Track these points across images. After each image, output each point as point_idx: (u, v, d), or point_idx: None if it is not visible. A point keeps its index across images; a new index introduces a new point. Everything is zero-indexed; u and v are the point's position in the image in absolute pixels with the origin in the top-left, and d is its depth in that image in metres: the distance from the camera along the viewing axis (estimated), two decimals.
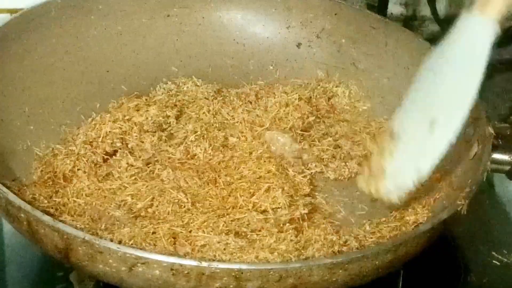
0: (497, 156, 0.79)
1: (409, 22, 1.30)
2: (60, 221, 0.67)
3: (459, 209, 0.71)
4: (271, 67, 1.02)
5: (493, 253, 0.88)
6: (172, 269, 0.62)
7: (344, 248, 0.73)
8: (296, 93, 0.95)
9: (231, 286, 0.63)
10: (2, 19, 0.90)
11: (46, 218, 0.65)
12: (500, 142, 0.79)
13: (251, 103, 0.94)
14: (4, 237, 0.85)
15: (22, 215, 0.67)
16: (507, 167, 0.80)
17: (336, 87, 0.99)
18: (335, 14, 1.01)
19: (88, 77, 0.95)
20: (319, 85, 0.99)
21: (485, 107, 0.84)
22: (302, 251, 0.73)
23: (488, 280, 0.85)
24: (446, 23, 1.24)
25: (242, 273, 0.62)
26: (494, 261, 0.87)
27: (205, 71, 1.00)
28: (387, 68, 0.96)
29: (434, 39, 1.21)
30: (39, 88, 0.90)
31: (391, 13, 1.26)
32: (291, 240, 0.73)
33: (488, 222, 0.94)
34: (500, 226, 0.94)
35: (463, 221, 0.74)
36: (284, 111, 0.92)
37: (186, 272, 0.62)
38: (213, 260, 0.62)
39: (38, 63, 0.91)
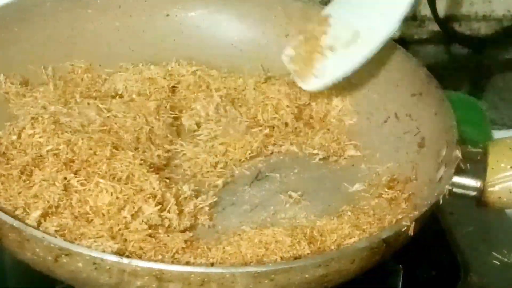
0: (463, 180, 0.76)
1: (409, 22, 1.29)
2: None
3: (403, 229, 0.69)
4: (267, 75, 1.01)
5: (493, 253, 0.87)
6: (94, 263, 0.62)
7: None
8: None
9: (153, 285, 0.62)
10: None
11: None
12: (469, 167, 0.77)
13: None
14: None
15: None
16: (474, 193, 0.77)
17: None
18: None
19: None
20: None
21: (485, 107, 0.82)
22: None
23: (488, 280, 0.84)
24: (446, 23, 1.24)
25: (163, 273, 0.62)
26: (494, 261, 0.86)
27: None
28: (378, 84, 0.94)
29: (434, 39, 1.21)
30: None
31: None
32: None
33: (488, 222, 0.92)
34: (500, 226, 0.92)
35: (463, 222, 0.72)
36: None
37: (107, 267, 0.62)
38: (134, 258, 0.62)
39: (29, 52, 0.92)
